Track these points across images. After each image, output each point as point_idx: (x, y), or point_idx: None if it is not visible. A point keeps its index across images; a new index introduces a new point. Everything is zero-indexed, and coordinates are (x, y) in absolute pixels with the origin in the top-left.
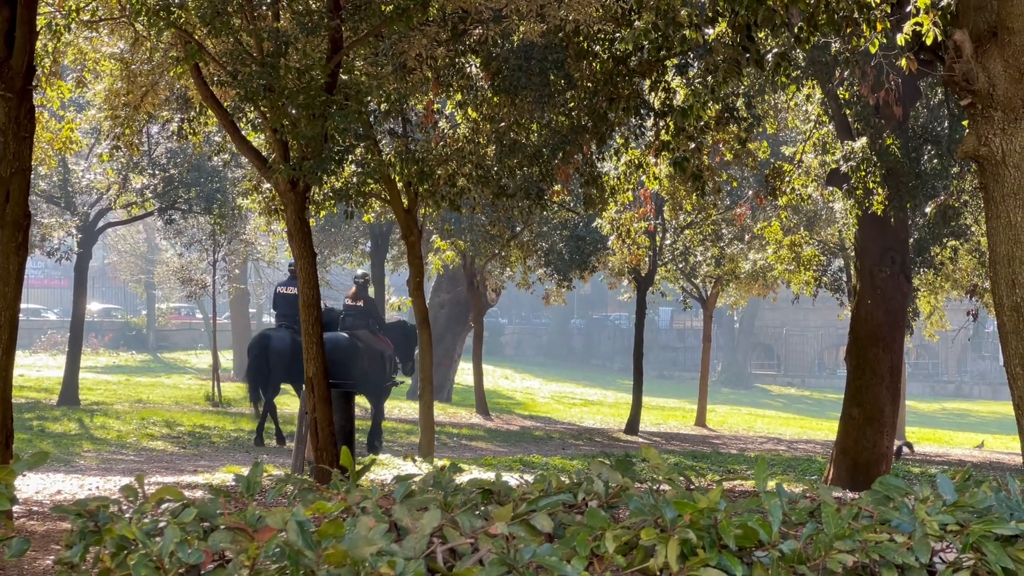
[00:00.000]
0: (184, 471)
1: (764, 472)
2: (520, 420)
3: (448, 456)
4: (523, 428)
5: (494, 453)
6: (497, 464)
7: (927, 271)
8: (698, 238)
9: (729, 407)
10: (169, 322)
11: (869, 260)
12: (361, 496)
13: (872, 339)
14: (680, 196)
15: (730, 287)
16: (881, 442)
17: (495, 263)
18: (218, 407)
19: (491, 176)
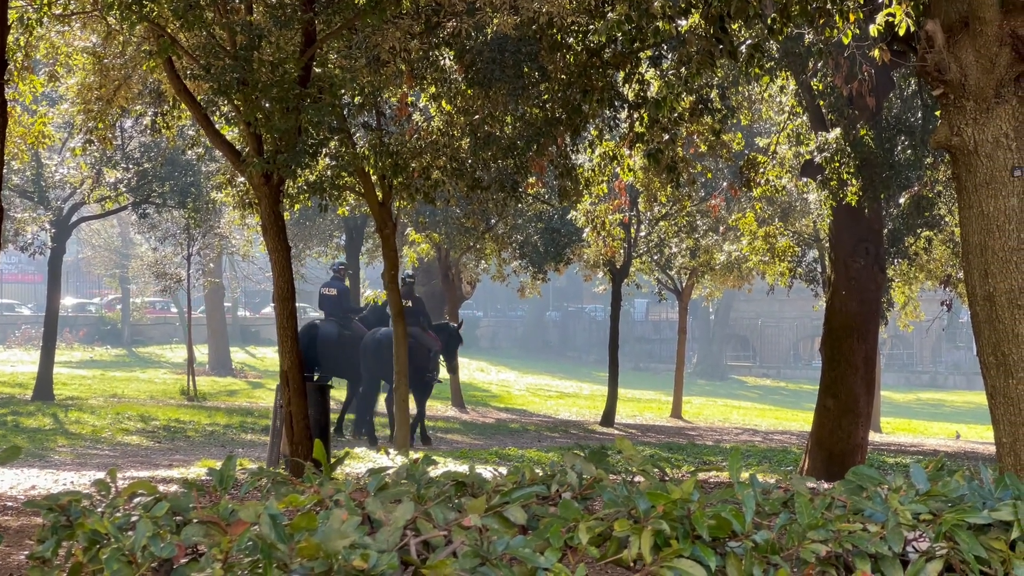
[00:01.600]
0: (159, 466)
1: (738, 463)
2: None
3: (422, 449)
4: (499, 421)
5: (469, 446)
6: (472, 457)
7: (901, 261)
8: (673, 230)
9: (705, 399)
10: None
11: (843, 251)
12: (334, 489)
13: (847, 330)
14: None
15: (705, 279)
16: (856, 432)
17: (470, 256)
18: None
19: (465, 168)
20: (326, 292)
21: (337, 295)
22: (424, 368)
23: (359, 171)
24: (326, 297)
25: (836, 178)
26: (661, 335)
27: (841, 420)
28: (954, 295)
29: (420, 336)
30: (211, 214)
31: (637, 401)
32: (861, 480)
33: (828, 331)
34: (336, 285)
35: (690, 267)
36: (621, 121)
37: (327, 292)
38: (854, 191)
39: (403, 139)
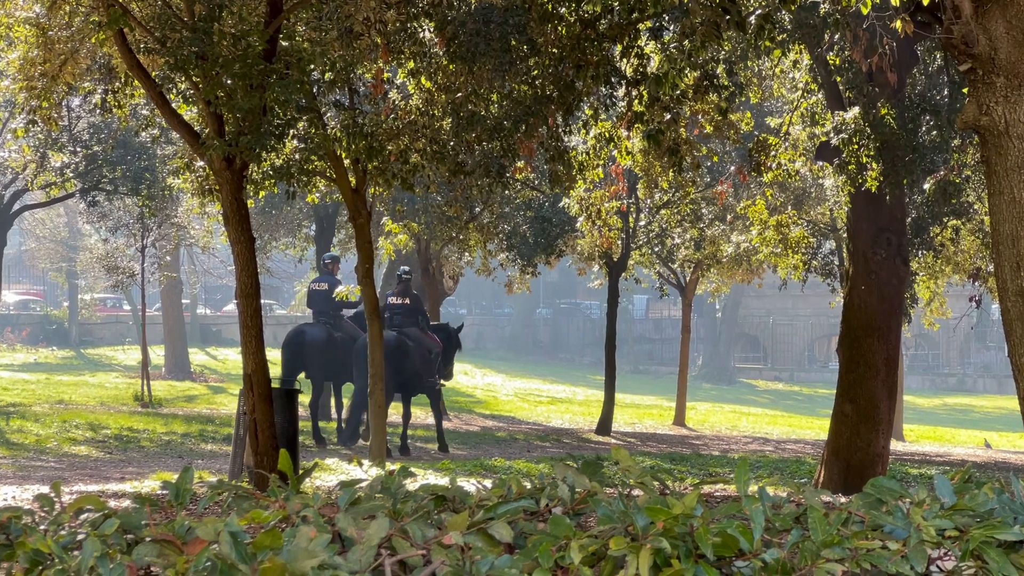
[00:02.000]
0: (110, 478)
1: (746, 474)
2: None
3: (400, 460)
4: (484, 429)
5: (451, 457)
6: (454, 468)
7: (926, 253)
8: (675, 219)
9: (711, 404)
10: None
11: (862, 242)
12: (301, 504)
13: (866, 329)
14: (655, 173)
15: (711, 272)
16: (876, 441)
17: (452, 247)
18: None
19: (447, 152)
20: (317, 288)
21: (328, 290)
22: (426, 372)
23: (330, 154)
24: (316, 293)
25: (854, 162)
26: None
27: (860, 428)
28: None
29: (419, 338)
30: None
31: (636, 407)
32: (881, 493)
33: (846, 330)
34: (327, 280)
35: (694, 260)
36: (618, 99)
37: (318, 288)
38: (874, 176)
39: (378, 119)
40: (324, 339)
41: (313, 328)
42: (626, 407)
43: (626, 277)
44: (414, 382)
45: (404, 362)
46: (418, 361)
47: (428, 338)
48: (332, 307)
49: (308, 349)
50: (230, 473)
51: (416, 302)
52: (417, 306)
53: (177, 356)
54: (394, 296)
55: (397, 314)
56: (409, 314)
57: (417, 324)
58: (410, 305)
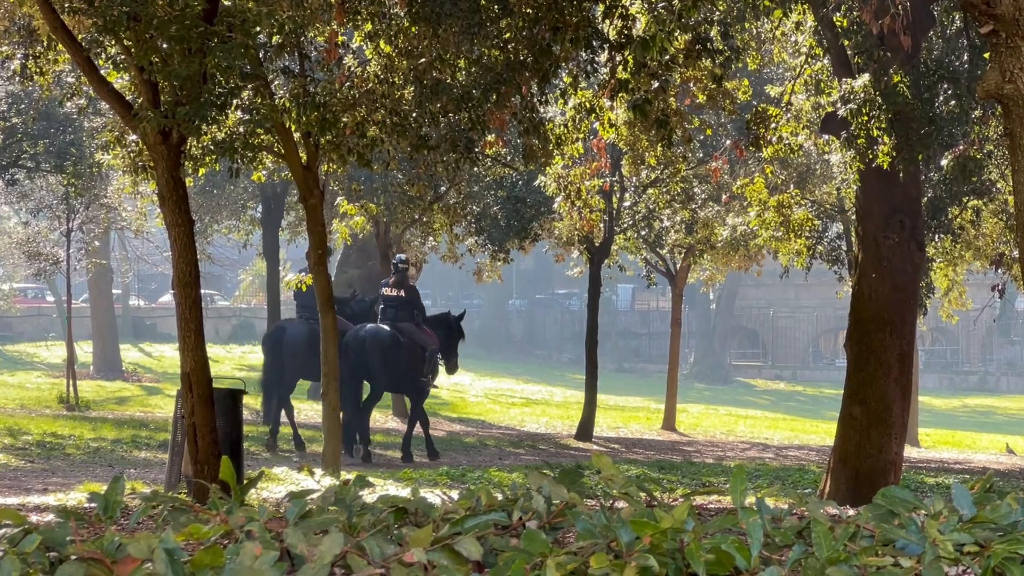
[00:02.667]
0: (31, 490)
1: (743, 484)
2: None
3: (357, 469)
4: (450, 434)
5: (414, 465)
6: (417, 478)
7: (944, 238)
8: (664, 199)
9: (704, 406)
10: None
11: (873, 224)
12: (246, 517)
13: (877, 321)
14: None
15: (704, 259)
16: (888, 447)
17: (415, 231)
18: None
19: (408, 124)
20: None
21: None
22: (417, 371)
23: (278, 127)
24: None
25: (864, 135)
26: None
27: (870, 432)
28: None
29: (413, 333)
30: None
31: (621, 410)
32: (892, 504)
33: (855, 323)
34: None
35: (686, 245)
36: (600, 65)
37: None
38: (886, 151)
39: (332, 88)
40: (307, 336)
41: (295, 325)
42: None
43: (609, 264)
44: (407, 381)
45: (396, 359)
46: (408, 358)
47: (423, 334)
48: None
49: (289, 347)
50: (166, 484)
51: (412, 294)
52: (413, 299)
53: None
54: (388, 287)
55: (391, 307)
56: (404, 307)
57: (412, 318)
58: (405, 298)
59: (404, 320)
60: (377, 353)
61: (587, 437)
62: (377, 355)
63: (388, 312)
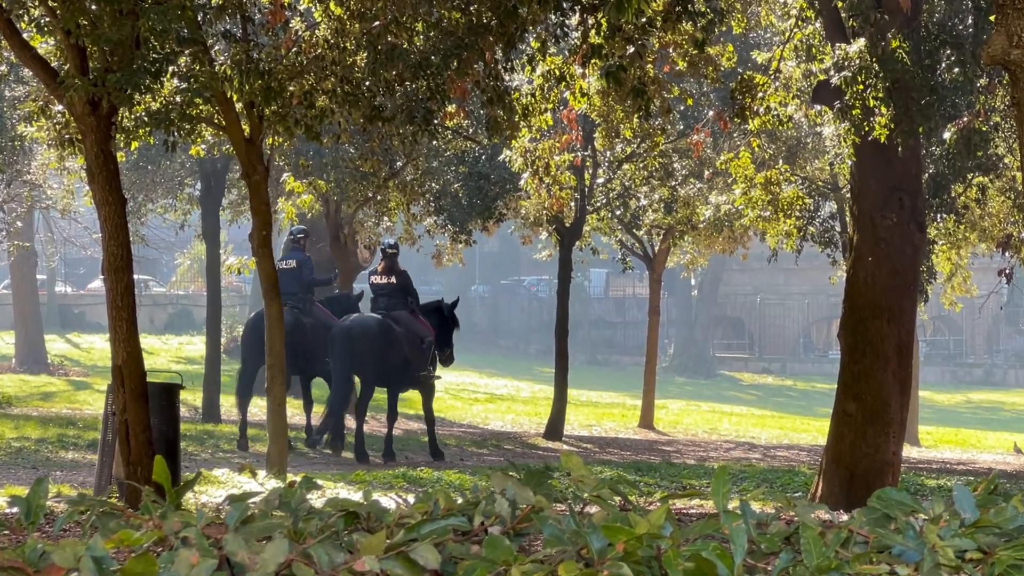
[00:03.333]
0: None
1: (726, 486)
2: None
3: (306, 470)
4: (407, 432)
5: (367, 467)
6: (371, 480)
7: (946, 218)
8: (641, 175)
9: (685, 402)
10: None
11: (870, 203)
12: (181, 522)
13: (874, 309)
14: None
15: (685, 241)
16: (886, 446)
17: (368, 211)
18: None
19: (361, 93)
20: (284, 267)
21: (297, 268)
22: (418, 363)
23: (218, 96)
24: (284, 273)
25: (860, 105)
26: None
27: (866, 430)
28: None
29: (409, 323)
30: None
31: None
32: (888, 507)
33: (849, 311)
34: (296, 256)
35: (664, 225)
36: (571, 29)
37: (285, 266)
38: (883, 123)
39: (278, 54)
40: (290, 326)
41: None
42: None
43: (581, 247)
44: (403, 375)
45: (391, 351)
46: (408, 349)
47: (420, 323)
48: (301, 289)
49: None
50: (95, 486)
51: (404, 280)
52: (406, 285)
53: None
54: (377, 275)
55: (382, 295)
56: (396, 295)
57: (407, 306)
58: (397, 285)
59: (398, 308)
60: (365, 344)
61: (557, 436)
62: (365, 346)
63: (380, 302)
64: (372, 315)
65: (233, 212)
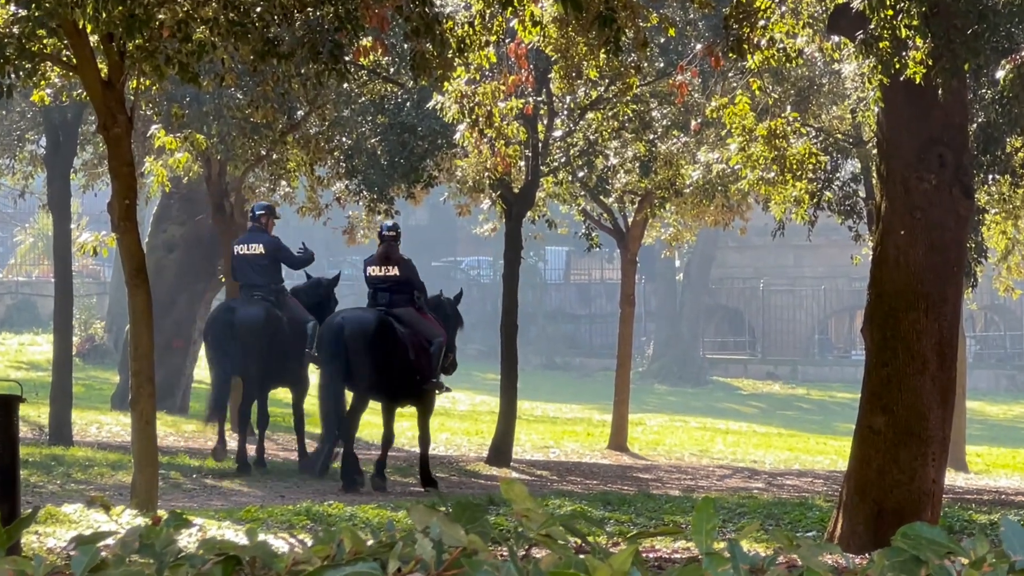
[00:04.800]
0: None
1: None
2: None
3: (183, 505)
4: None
5: (261, 499)
6: (265, 518)
7: (1000, 180)
8: (611, 127)
9: (668, 417)
10: None
11: (902, 161)
12: (15, 572)
13: (908, 297)
14: (578, 55)
15: (667, 210)
16: (924, 472)
17: (261, 173)
18: None
19: (251, 23)
20: (245, 251)
21: (265, 255)
22: (426, 371)
23: (68, 27)
24: (246, 260)
25: (889, 36)
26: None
27: (899, 451)
28: None
29: (416, 322)
30: None
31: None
32: (917, 547)
33: (877, 299)
34: (261, 239)
35: (641, 191)
36: None
37: (247, 251)
38: (919, 58)
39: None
40: (260, 321)
41: (245, 307)
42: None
43: (534, 219)
44: (405, 385)
45: (392, 355)
46: (414, 355)
47: (429, 322)
48: (270, 278)
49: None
50: None
51: (408, 271)
52: (410, 277)
53: None
54: (374, 264)
55: (382, 289)
56: (399, 288)
57: (412, 302)
58: (399, 277)
59: (402, 305)
60: (362, 346)
61: (504, 461)
62: (362, 348)
63: (379, 297)
64: (369, 310)
65: (88, 175)
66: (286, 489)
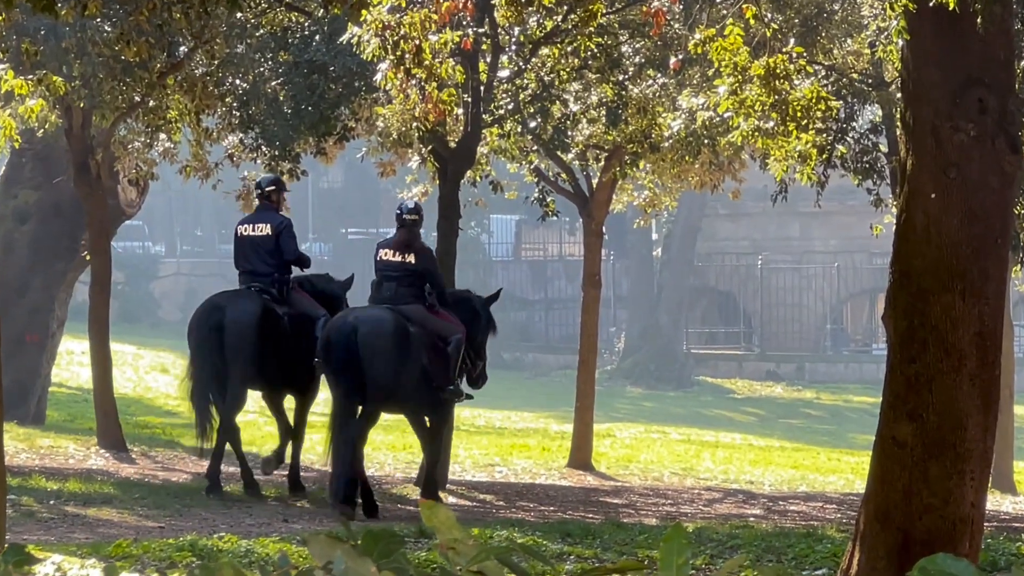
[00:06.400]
0: None
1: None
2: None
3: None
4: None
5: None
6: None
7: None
8: (570, 65)
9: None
10: None
11: (933, 107)
12: None
13: (941, 276)
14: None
15: (641, 170)
16: (960, 493)
17: (135, 124)
18: None
19: None
20: (249, 232)
21: (272, 236)
22: (439, 375)
23: None
24: (249, 243)
25: None
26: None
27: (929, 467)
28: None
29: (426, 320)
30: None
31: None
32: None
33: (901, 279)
34: (270, 219)
35: (608, 145)
36: None
37: (252, 232)
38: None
39: None
40: (257, 318)
41: (241, 300)
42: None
43: (475, 180)
44: (417, 391)
45: (408, 360)
46: (425, 356)
47: (443, 320)
48: (275, 266)
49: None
50: None
51: (426, 262)
52: (428, 268)
53: None
54: (388, 248)
55: (391, 279)
56: (410, 281)
57: (422, 297)
58: (415, 266)
59: (411, 300)
60: (379, 349)
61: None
62: (378, 352)
63: (386, 288)
64: (380, 308)
65: None
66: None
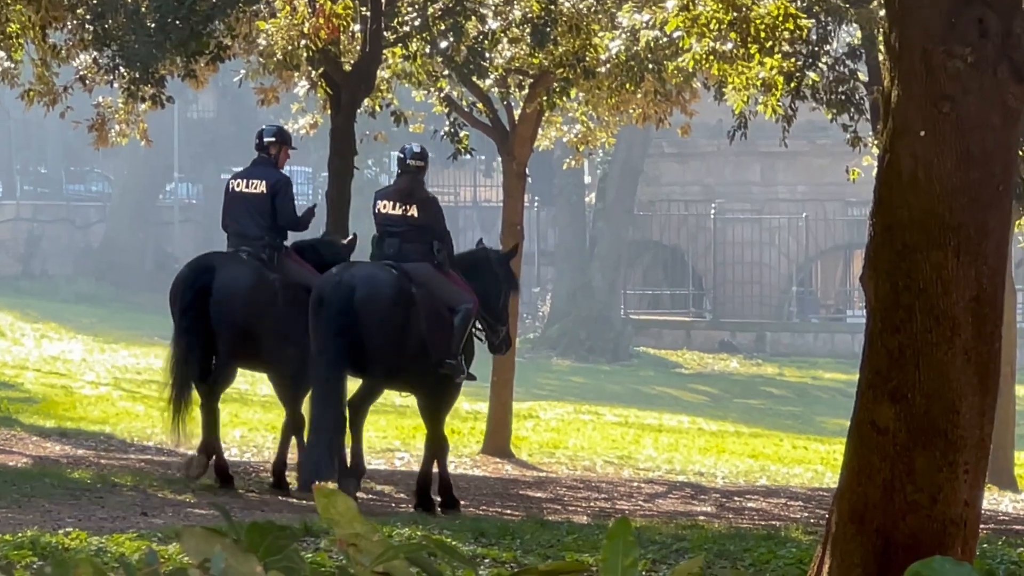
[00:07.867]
0: None
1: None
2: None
3: None
4: (44, 460)
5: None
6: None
7: None
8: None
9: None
10: None
11: (923, 29)
12: None
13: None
14: None
15: (572, 99)
16: (952, 489)
17: None
18: None
19: None
20: (242, 189)
21: (267, 196)
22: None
23: None
24: (240, 201)
25: None
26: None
27: (914, 458)
28: None
29: (431, 280)
30: None
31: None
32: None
33: (884, 233)
34: (267, 175)
35: (534, 69)
36: None
37: (244, 189)
38: None
39: None
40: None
41: (230, 264)
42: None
43: (374, 110)
44: (415, 363)
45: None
46: (425, 324)
47: (451, 282)
48: (267, 229)
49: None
50: None
51: (430, 216)
52: (432, 223)
53: None
54: (386, 199)
55: (393, 234)
56: (415, 236)
57: (430, 255)
58: (418, 220)
59: (415, 257)
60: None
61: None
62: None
63: (388, 244)
64: (380, 266)
65: None
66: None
